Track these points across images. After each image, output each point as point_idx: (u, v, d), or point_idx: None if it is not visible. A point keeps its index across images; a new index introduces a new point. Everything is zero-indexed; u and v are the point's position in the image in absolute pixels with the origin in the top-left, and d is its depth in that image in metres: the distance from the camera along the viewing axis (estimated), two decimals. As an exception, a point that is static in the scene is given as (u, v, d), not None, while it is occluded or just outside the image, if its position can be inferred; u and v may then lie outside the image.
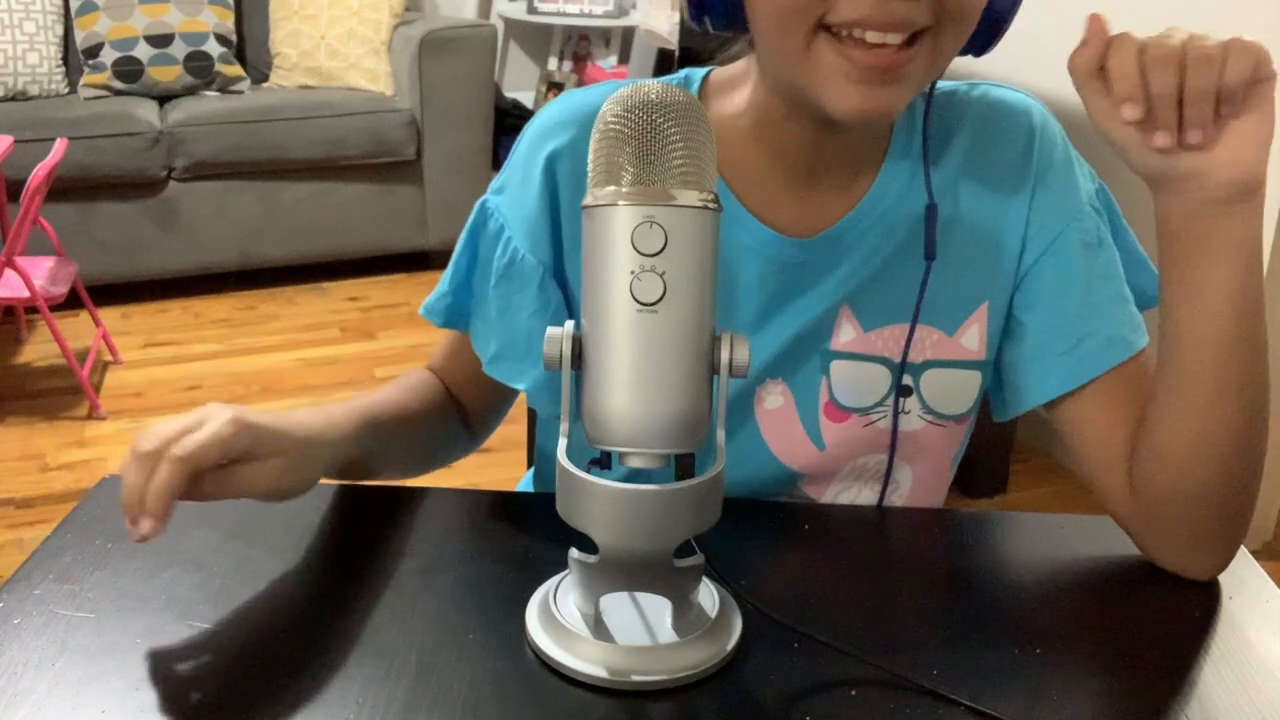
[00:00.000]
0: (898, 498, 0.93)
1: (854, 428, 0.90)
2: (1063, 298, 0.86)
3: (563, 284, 0.89)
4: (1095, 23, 0.75)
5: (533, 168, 0.87)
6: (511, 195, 0.89)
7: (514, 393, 0.95)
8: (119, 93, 3.57)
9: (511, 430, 1.07)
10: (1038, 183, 0.87)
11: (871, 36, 0.72)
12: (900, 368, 0.88)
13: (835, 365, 0.89)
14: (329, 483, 0.89)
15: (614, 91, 0.88)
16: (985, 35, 0.80)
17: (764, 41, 0.78)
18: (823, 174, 0.86)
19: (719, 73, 0.90)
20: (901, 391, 0.89)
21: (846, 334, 0.88)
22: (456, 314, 0.92)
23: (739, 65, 0.88)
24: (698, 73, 0.90)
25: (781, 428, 0.90)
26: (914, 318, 0.87)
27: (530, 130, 0.90)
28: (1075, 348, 0.85)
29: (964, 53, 0.81)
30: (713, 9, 0.78)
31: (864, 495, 0.93)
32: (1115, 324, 0.85)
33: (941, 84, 0.89)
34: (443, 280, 0.93)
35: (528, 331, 0.88)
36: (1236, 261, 0.74)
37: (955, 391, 0.90)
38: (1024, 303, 0.88)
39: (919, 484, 0.93)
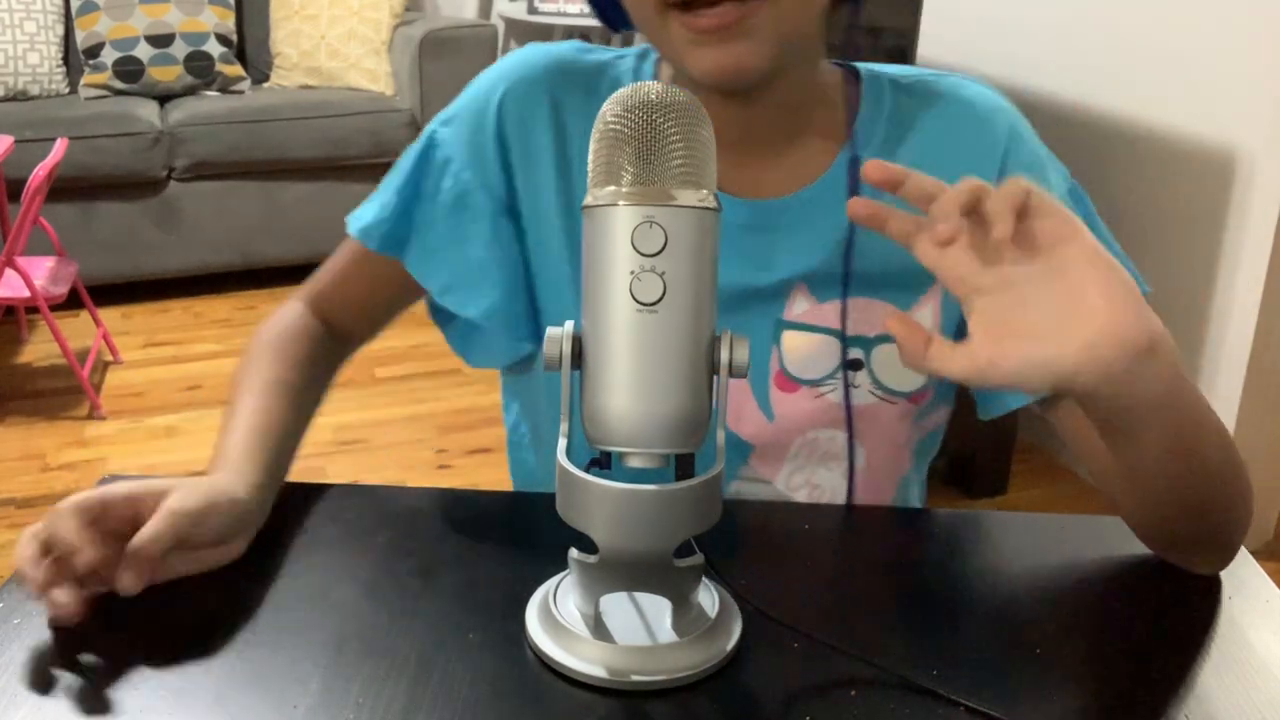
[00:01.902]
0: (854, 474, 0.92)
1: (804, 399, 0.89)
2: None
3: (515, 218, 0.91)
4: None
5: (485, 107, 0.90)
6: (460, 128, 0.91)
7: (406, 308, 0.99)
8: (119, 93, 3.57)
9: (512, 430, 1.07)
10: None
11: (702, 7, 0.76)
12: (843, 339, 0.88)
13: (787, 335, 0.89)
14: (329, 483, 0.89)
15: (572, 45, 0.92)
16: None
17: (636, 26, 0.83)
18: (755, 144, 0.87)
19: None
20: (852, 365, 0.89)
21: (800, 305, 0.88)
22: (395, 240, 0.93)
23: None
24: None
25: (731, 395, 0.90)
26: (845, 278, 0.87)
27: (487, 74, 0.93)
28: None
29: None
30: (606, 11, 0.87)
31: (820, 476, 0.92)
32: None
33: (908, 70, 0.91)
34: (379, 205, 0.93)
35: (479, 262, 0.90)
36: (1159, 424, 0.69)
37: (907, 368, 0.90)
38: None
39: (872, 465, 0.92)
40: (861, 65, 0.92)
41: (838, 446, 0.91)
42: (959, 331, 0.89)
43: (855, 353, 0.89)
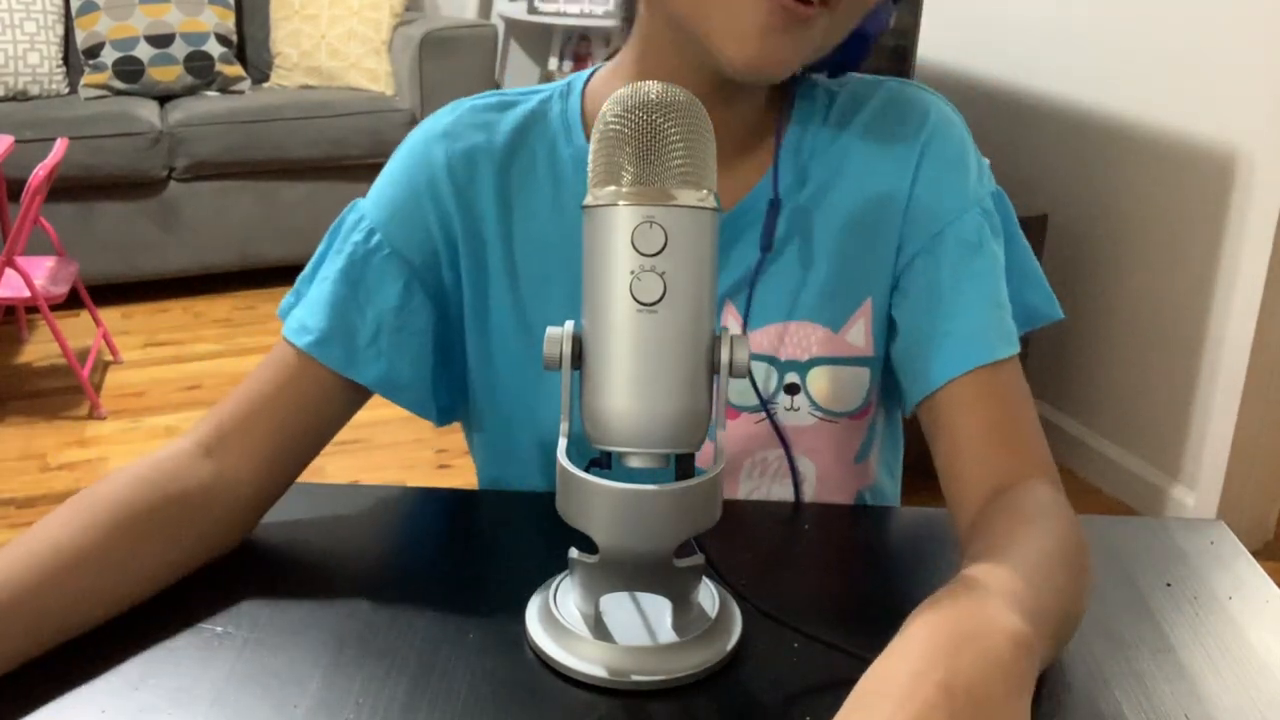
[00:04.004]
0: (806, 492, 0.92)
1: (746, 424, 0.89)
2: (929, 296, 0.85)
3: (434, 293, 0.86)
4: None
5: (420, 175, 0.86)
6: (386, 196, 0.87)
7: (321, 443, 0.85)
8: (119, 93, 3.57)
9: (512, 430, 1.07)
10: (918, 180, 0.86)
11: None
12: (779, 366, 0.87)
13: None
14: (328, 483, 0.89)
15: (494, 100, 0.89)
16: (845, 56, 0.82)
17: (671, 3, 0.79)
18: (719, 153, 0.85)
19: (601, 71, 0.90)
20: (788, 389, 0.88)
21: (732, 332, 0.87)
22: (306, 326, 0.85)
23: (617, 59, 0.88)
24: (580, 75, 0.90)
25: None
26: (746, 312, 0.85)
27: (415, 142, 0.88)
28: (932, 348, 0.83)
29: (819, 70, 0.84)
30: None
31: (777, 494, 0.91)
32: (977, 326, 0.83)
33: (850, 76, 0.90)
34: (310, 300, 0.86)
35: (375, 325, 0.84)
36: None
37: (843, 388, 0.89)
38: (897, 301, 0.87)
39: (825, 479, 0.91)
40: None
41: (787, 465, 0.90)
42: (891, 336, 0.88)
43: (791, 377, 0.88)
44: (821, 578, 0.82)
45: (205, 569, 0.77)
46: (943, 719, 0.52)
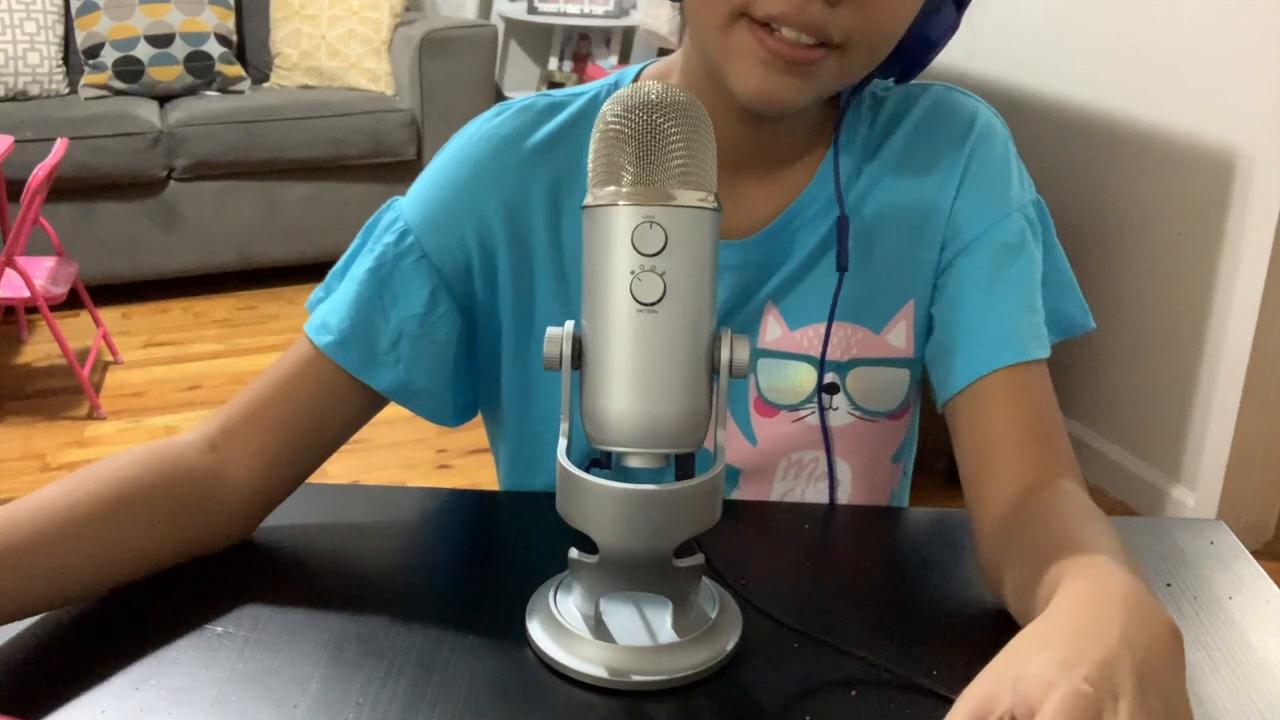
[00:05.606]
0: (841, 495, 0.92)
1: (783, 423, 0.89)
2: (967, 294, 0.85)
3: (471, 309, 0.86)
4: None
5: (464, 188, 0.85)
6: (427, 202, 0.86)
7: (325, 452, 0.84)
8: (119, 93, 3.57)
9: (512, 430, 1.07)
10: (964, 184, 0.86)
11: (786, 33, 0.73)
12: (821, 367, 0.88)
13: (762, 363, 0.88)
14: (329, 483, 0.89)
15: (541, 104, 0.87)
16: (909, 63, 0.82)
17: (689, 12, 0.79)
18: (752, 167, 0.85)
19: (652, 68, 0.90)
20: (828, 389, 0.88)
21: (772, 332, 0.88)
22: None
23: (671, 57, 0.88)
24: (630, 71, 0.90)
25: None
26: (829, 322, 0.86)
27: (465, 155, 0.86)
28: (966, 344, 0.84)
29: (886, 76, 0.83)
30: None
31: (811, 496, 0.92)
32: (1010, 328, 0.83)
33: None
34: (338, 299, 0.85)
35: (398, 327, 0.83)
36: None
37: (883, 389, 0.89)
38: (935, 299, 0.88)
39: (860, 481, 0.92)
40: None
41: (823, 466, 0.91)
42: (929, 339, 0.89)
43: (830, 376, 0.88)
44: (822, 578, 0.82)
45: (206, 568, 0.77)
46: (1126, 671, 0.51)
